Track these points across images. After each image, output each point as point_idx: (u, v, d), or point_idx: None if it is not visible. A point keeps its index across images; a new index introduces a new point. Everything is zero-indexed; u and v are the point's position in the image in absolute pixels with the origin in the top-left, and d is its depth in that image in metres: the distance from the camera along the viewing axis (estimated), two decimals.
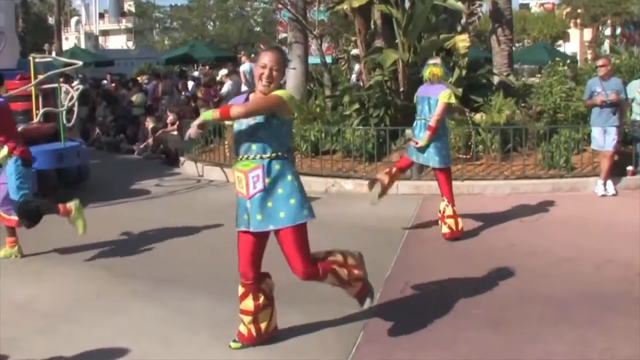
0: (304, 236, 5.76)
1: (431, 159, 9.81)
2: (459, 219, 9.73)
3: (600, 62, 13.19)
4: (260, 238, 5.79)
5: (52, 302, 7.46)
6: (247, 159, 5.66)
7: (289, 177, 5.71)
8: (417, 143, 9.83)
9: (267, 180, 5.59)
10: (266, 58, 5.65)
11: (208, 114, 5.69)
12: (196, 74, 32.76)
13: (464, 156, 13.96)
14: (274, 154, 5.64)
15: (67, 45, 60.40)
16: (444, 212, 9.73)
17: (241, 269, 5.85)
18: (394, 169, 10.11)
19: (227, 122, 5.98)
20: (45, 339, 6.38)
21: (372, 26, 17.87)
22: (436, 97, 9.75)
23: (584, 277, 7.92)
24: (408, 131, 10.51)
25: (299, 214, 5.68)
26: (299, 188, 5.76)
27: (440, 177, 9.93)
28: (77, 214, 8.92)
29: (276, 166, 5.65)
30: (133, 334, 6.42)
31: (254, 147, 5.64)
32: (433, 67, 10.03)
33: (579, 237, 9.79)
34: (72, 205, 8.94)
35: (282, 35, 25.67)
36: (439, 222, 9.82)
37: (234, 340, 6.06)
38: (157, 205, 12.77)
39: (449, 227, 9.66)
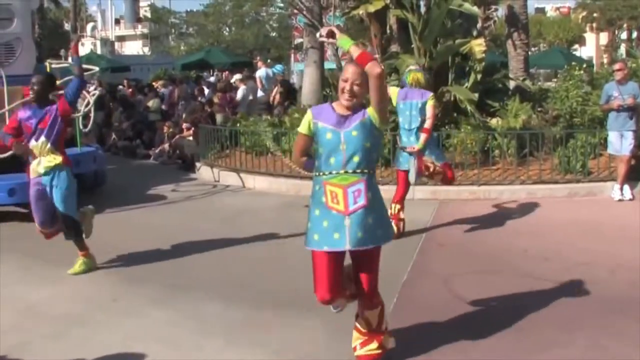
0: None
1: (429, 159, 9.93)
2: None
3: (617, 66, 13.14)
4: (349, 256, 5.50)
5: (66, 306, 7.50)
6: (345, 172, 5.29)
7: (379, 193, 5.50)
8: (414, 149, 9.84)
9: (368, 195, 5.31)
10: (348, 72, 5.31)
11: (347, 42, 5.22)
12: (212, 79, 32.79)
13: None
14: (372, 169, 5.41)
15: (83, 50, 60.52)
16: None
17: (323, 294, 5.40)
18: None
19: (302, 131, 5.54)
20: (58, 343, 6.41)
21: (388, 31, 17.87)
22: (423, 100, 9.83)
23: (599, 281, 7.88)
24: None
25: (390, 231, 5.58)
26: (384, 204, 5.61)
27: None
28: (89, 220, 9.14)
29: (374, 180, 5.43)
30: (147, 339, 6.43)
31: (356, 159, 5.29)
32: (416, 73, 10.13)
33: (594, 241, 9.76)
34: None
35: (298, 41, 25.70)
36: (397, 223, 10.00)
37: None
38: (173, 211, 12.79)
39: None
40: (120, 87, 28.93)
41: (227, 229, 10.69)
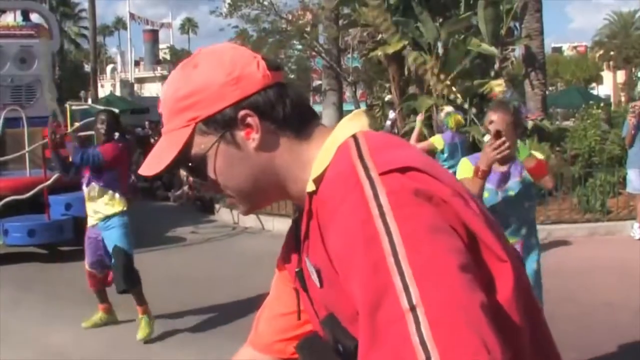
0: None
1: None
2: None
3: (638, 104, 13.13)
4: None
5: (87, 347, 7.51)
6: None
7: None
8: None
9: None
10: (493, 116, 5.03)
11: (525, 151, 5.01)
12: None
13: None
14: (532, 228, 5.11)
15: (102, 92, 60.95)
16: None
17: None
18: None
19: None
20: None
21: (406, 72, 17.95)
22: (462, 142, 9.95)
23: (621, 323, 7.83)
24: None
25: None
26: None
27: None
28: None
29: (533, 240, 5.15)
30: None
31: (514, 219, 5.02)
32: (456, 115, 10.17)
33: (616, 282, 9.69)
34: None
35: (316, 83, 25.83)
36: None
37: None
38: (192, 253, 12.81)
39: None
40: (139, 129, 29.07)
41: (248, 271, 10.68)
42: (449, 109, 10.78)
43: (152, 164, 1.67)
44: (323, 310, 1.67)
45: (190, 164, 1.68)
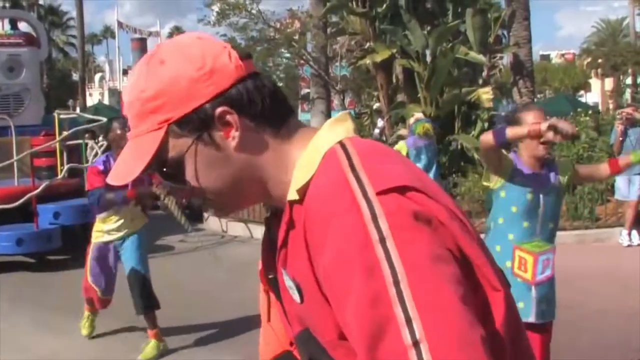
0: None
1: None
2: None
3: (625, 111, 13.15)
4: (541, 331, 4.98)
5: (76, 356, 7.49)
6: (540, 239, 4.81)
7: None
8: None
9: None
10: (529, 116, 4.78)
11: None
12: None
13: None
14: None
15: (91, 101, 60.96)
16: None
17: None
18: None
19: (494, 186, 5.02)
20: None
21: (394, 81, 17.99)
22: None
23: (612, 329, 7.86)
24: None
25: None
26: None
27: None
28: None
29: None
30: None
31: (551, 225, 4.88)
32: (425, 124, 10.31)
33: (606, 288, 9.72)
34: None
35: (304, 91, 25.85)
36: None
37: None
38: (181, 262, 12.78)
39: None
40: None
41: (236, 280, 10.66)
42: (419, 115, 10.92)
43: (122, 173, 1.55)
44: (297, 324, 1.60)
45: (164, 170, 1.57)
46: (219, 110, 1.49)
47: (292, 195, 1.48)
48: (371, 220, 1.31)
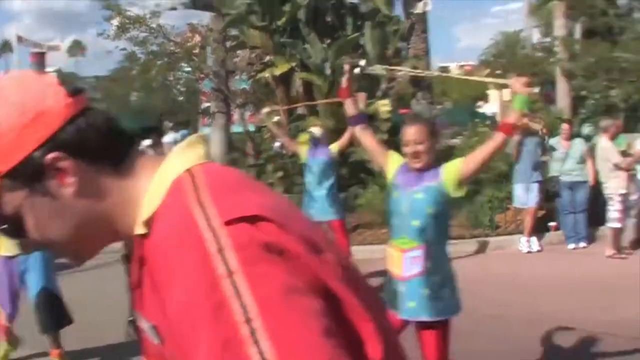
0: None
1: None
2: None
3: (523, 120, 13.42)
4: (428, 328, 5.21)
5: None
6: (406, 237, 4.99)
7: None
8: None
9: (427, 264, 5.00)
10: (406, 134, 5.08)
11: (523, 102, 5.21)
12: None
13: None
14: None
15: None
16: None
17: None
18: None
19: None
20: None
21: (294, 94, 17.99)
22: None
23: (511, 335, 7.95)
24: None
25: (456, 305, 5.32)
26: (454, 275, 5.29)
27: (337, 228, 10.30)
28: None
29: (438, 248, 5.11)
30: None
31: (415, 223, 4.99)
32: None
33: (506, 294, 9.84)
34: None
35: (205, 105, 25.69)
36: None
37: None
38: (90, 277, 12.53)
39: None
40: None
41: None
42: (312, 128, 11.00)
43: None
44: None
45: (4, 226, 1.43)
46: (49, 157, 1.37)
47: (139, 229, 1.38)
48: (217, 252, 1.23)
